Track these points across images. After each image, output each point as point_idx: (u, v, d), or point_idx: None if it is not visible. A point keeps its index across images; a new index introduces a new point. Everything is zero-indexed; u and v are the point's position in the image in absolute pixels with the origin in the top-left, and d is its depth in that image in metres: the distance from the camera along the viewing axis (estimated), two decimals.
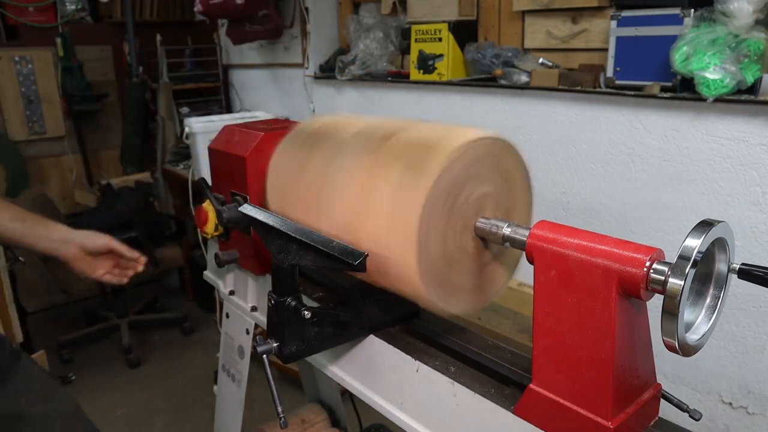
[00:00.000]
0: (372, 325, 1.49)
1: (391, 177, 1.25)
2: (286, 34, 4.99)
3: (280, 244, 1.38)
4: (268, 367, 1.34)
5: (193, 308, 5.68)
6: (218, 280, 2.18)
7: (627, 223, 2.91)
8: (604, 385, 1.00)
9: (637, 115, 2.78)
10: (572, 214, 3.13)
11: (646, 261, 0.95)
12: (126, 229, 4.56)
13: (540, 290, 1.08)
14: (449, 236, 1.24)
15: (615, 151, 2.89)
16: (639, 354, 1.06)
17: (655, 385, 1.12)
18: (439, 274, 1.24)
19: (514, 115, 3.34)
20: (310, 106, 4.91)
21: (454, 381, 1.27)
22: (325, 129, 1.57)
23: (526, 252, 1.12)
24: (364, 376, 1.52)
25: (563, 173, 3.14)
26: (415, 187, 1.19)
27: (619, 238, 1.01)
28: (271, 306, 1.36)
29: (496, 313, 2.92)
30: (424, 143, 1.26)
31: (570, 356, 1.04)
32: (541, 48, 3.33)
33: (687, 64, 2.44)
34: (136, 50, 5.43)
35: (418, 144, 1.27)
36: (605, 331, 0.98)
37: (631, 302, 1.00)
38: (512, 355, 1.35)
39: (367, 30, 4.21)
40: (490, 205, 1.30)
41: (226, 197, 1.81)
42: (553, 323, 1.06)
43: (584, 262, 1.00)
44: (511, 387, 1.24)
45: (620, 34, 2.81)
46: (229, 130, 1.84)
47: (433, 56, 3.68)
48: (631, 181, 2.86)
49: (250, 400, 2.20)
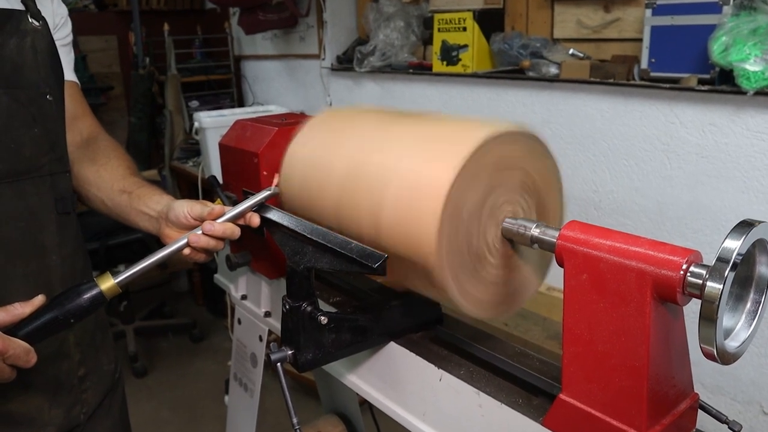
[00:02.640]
0: (392, 332, 1.49)
1: (421, 150, 1.27)
2: (301, 23, 4.99)
3: (295, 245, 1.39)
4: (283, 376, 1.34)
5: (203, 313, 5.70)
6: (230, 284, 2.18)
7: (662, 223, 2.90)
8: (639, 395, 1.00)
9: (673, 109, 2.77)
10: (604, 213, 3.13)
11: (682, 263, 0.94)
12: (131, 229, 4.58)
13: (570, 294, 1.08)
14: (473, 233, 1.25)
15: (649, 147, 2.88)
16: (675, 362, 1.06)
17: (692, 395, 1.12)
18: (462, 269, 1.24)
19: (542, 109, 3.33)
20: (327, 100, 4.91)
21: (480, 391, 1.27)
22: (351, 115, 1.58)
23: (555, 254, 1.12)
24: (384, 386, 1.52)
25: (594, 170, 3.13)
26: (445, 161, 1.20)
27: (653, 240, 1.01)
28: (286, 311, 1.36)
29: (524, 318, 2.92)
30: (452, 128, 1.28)
31: (602, 364, 1.04)
32: (571, 38, 3.33)
33: (726, 55, 2.43)
34: (142, 40, 5.46)
35: (447, 129, 1.29)
36: (639, 337, 0.98)
37: (666, 307, 1.00)
38: (541, 363, 1.35)
39: (387, 19, 4.20)
40: (518, 204, 1.30)
41: (237, 196, 1.82)
42: (584, 329, 1.06)
43: (617, 265, 1.00)
44: (539, 397, 1.24)
45: (655, 24, 2.80)
46: (241, 125, 1.85)
47: (457, 47, 3.67)
48: (666, 179, 2.85)
49: (264, 411, 2.21)
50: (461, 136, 1.23)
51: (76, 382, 1.69)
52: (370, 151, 1.39)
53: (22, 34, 1.50)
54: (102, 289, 1.35)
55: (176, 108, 5.48)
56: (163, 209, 1.62)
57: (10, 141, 1.46)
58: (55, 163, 1.58)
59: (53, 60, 1.59)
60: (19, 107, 1.48)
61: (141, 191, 1.70)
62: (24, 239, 1.52)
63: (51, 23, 1.63)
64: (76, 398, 1.69)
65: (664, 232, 2.88)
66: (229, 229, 1.52)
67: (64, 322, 1.32)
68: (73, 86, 1.78)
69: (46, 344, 1.36)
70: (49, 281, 1.54)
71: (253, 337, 2.09)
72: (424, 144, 1.29)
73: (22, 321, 1.30)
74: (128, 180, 1.74)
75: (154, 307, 5.54)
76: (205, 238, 1.49)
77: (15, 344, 1.26)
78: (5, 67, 1.46)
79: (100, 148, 1.80)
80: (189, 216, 1.55)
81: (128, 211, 1.70)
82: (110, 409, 1.84)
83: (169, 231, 1.61)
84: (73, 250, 1.66)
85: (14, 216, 1.49)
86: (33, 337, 1.29)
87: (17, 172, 1.49)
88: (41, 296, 1.34)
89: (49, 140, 1.55)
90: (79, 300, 1.32)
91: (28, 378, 1.51)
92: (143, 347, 5.05)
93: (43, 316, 1.30)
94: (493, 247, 1.29)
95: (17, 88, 1.48)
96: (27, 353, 1.28)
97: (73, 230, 1.68)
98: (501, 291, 1.33)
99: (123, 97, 6.03)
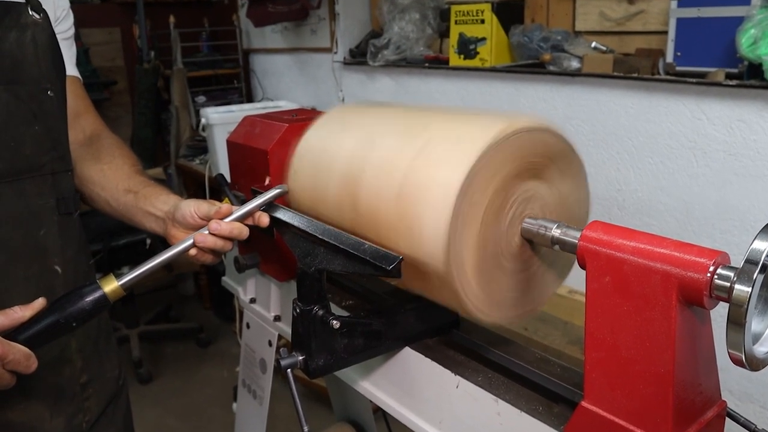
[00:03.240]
0: (407, 336, 1.48)
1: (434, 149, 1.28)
2: (312, 15, 4.99)
3: (306, 246, 1.39)
4: (293, 382, 1.34)
5: (210, 317, 5.71)
6: (238, 287, 2.19)
7: (688, 223, 2.89)
8: (664, 402, 1.00)
9: (700, 105, 2.76)
10: (628, 213, 3.12)
11: (709, 265, 0.94)
12: (135, 230, 4.59)
13: (593, 298, 1.08)
14: (489, 233, 1.25)
15: (675, 144, 2.88)
16: (702, 368, 1.05)
17: (720, 403, 1.12)
18: (477, 272, 1.25)
19: (563, 105, 3.33)
20: (339, 95, 4.92)
21: (498, 398, 1.27)
22: (364, 111, 1.58)
23: (577, 256, 1.11)
24: (399, 393, 1.52)
25: (618, 169, 3.13)
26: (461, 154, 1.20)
27: (679, 241, 1.00)
28: (296, 315, 1.37)
29: (544, 323, 2.91)
30: (468, 124, 1.28)
31: (626, 371, 1.04)
32: (593, 31, 3.33)
33: (755, 48, 2.43)
34: (147, 33, 5.47)
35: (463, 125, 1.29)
36: (665, 342, 0.98)
37: (693, 311, 1.00)
38: (562, 369, 1.34)
39: (402, 11, 4.20)
40: (538, 204, 1.31)
41: (246, 195, 1.82)
42: (607, 334, 1.06)
43: (641, 267, 1.00)
44: (560, 405, 1.24)
45: (681, 16, 2.80)
46: (250, 122, 1.85)
47: (475, 40, 3.67)
48: (693, 178, 2.84)
49: (273, 418, 2.21)
50: (475, 134, 1.23)
51: (78, 390, 1.69)
52: (383, 150, 1.39)
53: (22, 28, 1.50)
54: (105, 291, 1.35)
55: (182, 103, 5.49)
56: (170, 209, 1.62)
57: (9, 139, 1.46)
58: (57, 161, 1.58)
59: (54, 54, 1.59)
60: (19, 104, 1.48)
61: (147, 191, 1.70)
62: (24, 241, 1.52)
63: (52, 16, 1.63)
64: (78, 406, 1.69)
65: (691, 232, 2.88)
66: (237, 229, 1.51)
67: (65, 326, 1.32)
68: (75, 82, 1.79)
69: (46, 350, 1.36)
70: (50, 284, 1.54)
71: (263, 342, 2.09)
72: (438, 142, 1.29)
73: (22, 325, 1.30)
74: (134, 179, 1.74)
75: (160, 311, 5.56)
76: (212, 238, 1.49)
77: (15, 349, 1.26)
78: (4, 62, 1.46)
79: (104, 146, 1.80)
80: (195, 215, 1.55)
81: (134, 211, 1.69)
82: (114, 418, 1.84)
83: (176, 231, 1.61)
84: (75, 252, 1.66)
85: (14, 217, 1.49)
86: (33, 341, 1.29)
87: (17, 171, 1.49)
88: (42, 299, 1.34)
89: (50, 138, 1.55)
90: (82, 303, 1.32)
91: (28, 385, 1.51)
92: (148, 352, 5.06)
93: (44, 320, 1.30)
94: (512, 248, 1.29)
95: (17, 84, 1.48)
96: (27, 358, 1.28)
97: (76, 231, 1.68)
98: (519, 294, 1.33)
99: (127, 92, 6.04)
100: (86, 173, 1.76)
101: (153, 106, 5.64)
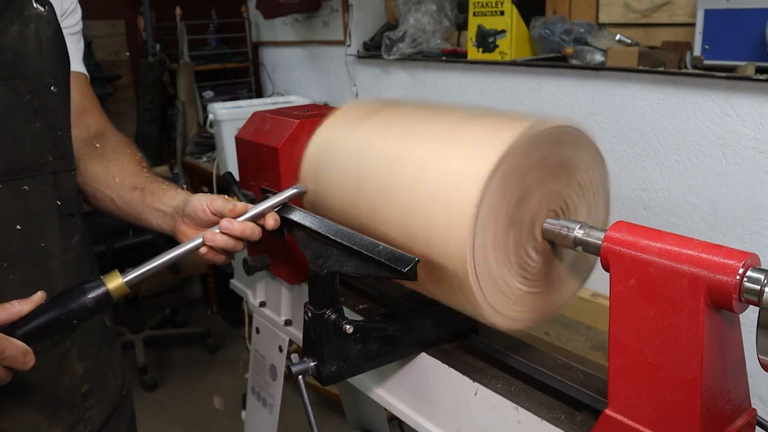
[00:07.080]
0: (424, 342, 1.49)
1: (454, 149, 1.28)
2: (325, 6, 5.01)
3: (318, 248, 1.40)
4: (305, 389, 1.34)
5: (218, 322, 5.72)
6: (247, 290, 2.20)
7: (717, 224, 2.89)
8: (691, 410, 1.00)
9: (729, 100, 2.76)
10: (654, 213, 3.11)
11: (738, 268, 0.94)
12: (141, 230, 4.61)
13: (617, 301, 1.08)
14: (510, 234, 1.25)
15: (703, 141, 2.87)
16: (730, 374, 1.05)
17: (750, 410, 1.12)
18: (497, 275, 1.25)
19: (586, 100, 3.33)
20: (353, 90, 4.92)
21: (519, 406, 1.27)
22: (378, 107, 1.59)
23: (600, 257, 1.12)
24: (415, 400, 1.52)
25: (644, 167, 3.12)
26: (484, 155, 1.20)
27: (707, 242, 1.00)
28: (308, 319, 1.37)
29: (566, 327, 2.92)
30: (488, 124, 1.29)
31: (651, 377, 1.04)
32: (618, 23, 3.32)
33: None
34: (152, 25, 5.48)
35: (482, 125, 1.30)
36: (692, 348, 0.98)
37: (721, 315, 1.00)
38: (585, 376, 1.35)
39: (418, 2, 4.20)
40: (559, 204, 1.31)
41: (255, 194, 1.83)
42: (632, 339, 1.06)
43: (668, 269, 1.00)
44: (583, 413, 1.24)
45: (709, 7, 2.79)
46: (260, 118, 1.85)
47: (494, 32, 3.67)
48: (721, 176, 2.84)
49: (284, 427, 2.22)
50: (499, 131, 1.24)
51: (79, 400, 1.68)
52: (398, 148, 1.39)
53: (25, 21, 1.49)
54: (109, 288, 1.34)
55: (189, 99, 5.50)
56: (179, 204, 1.60)
57: (8, 136, 1.45)
58: (59, 160, 1.58)
59: (59, 49, 1.59)
60: (19, 99, 1.47)
61: (154, 187, 1.69)
62: (23, 243, 1.50)
63: (59, 10, 1.62)
64: (79, 417, 1.68)
65: (719, 233, 2.87)
66: (249, 229, 1.50)
67: (66, 323, 1.31)
68: (80, 78, 1.78)
69: (45, 358, 1.36)
70: (51, 290, 1.52)
71: (273, 348, 2.09)
72: (459, 141, 1.29)
73: (20, 320, 1.30)
74: (140, 176, 1.73)
75: (166, 315, 5.58)
76: (223, 238, 1.48)
77: (12, 345, 1.26)
78: (5, 55, 1.45)
79: (110, 143, 1.79)
80: (208, 210, 1.54)
81: (141, 208, 1.68)
82: (117, 428, 1.84)
83: (185, 228, 1.60)
84: (77, 256, 1.65)
85: (12, 218, 1.48)
86: (31, 337, 1.29)
87: (16, 170, 1.48)
88: (41, 293, 1.33)
89: (52, 135, 1.55)
90: (84, 299, 1.32)
91: (24, 394, 1.52)
92: (153, 358, 5.07)
93: (44, 316, 1.30)
94: (532, 249, 1.29)
95: (18, 79, 1.47)
96: (24, 354, 1.27)
97: (78, 234, 1.67)
98: (539, 298, 1.33)
99: (131, 86, 6.05)
100: (90, 171, 1.75)
101: (158, 102, 5.65)
